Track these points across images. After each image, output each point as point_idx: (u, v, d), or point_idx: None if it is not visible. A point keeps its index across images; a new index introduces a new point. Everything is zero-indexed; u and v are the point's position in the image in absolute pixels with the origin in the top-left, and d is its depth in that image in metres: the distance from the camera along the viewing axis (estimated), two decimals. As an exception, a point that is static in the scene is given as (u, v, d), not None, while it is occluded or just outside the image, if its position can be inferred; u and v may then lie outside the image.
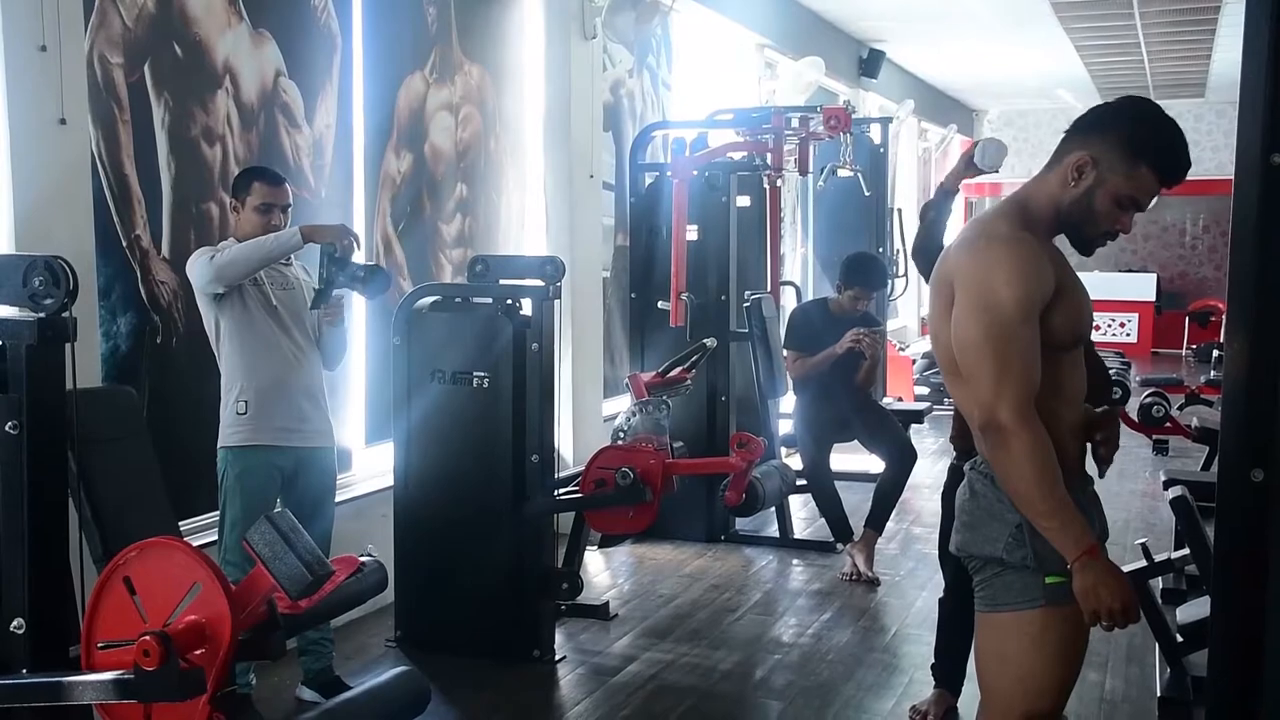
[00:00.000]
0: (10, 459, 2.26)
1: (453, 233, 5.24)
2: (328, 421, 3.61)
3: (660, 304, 5.47)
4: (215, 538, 3.52)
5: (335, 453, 3.68)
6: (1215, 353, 10.42)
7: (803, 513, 6.08)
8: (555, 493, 4.16)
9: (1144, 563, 3.89)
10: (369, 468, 4.74)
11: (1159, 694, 3.72)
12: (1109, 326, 14.46)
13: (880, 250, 8.42)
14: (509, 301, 4.02)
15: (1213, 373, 9.77)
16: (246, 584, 2.21)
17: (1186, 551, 4.02)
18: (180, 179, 3.83)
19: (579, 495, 4.14)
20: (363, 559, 2.79)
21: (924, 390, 9.25)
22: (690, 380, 4.84)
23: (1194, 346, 13.96)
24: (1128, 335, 14.46)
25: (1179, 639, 3.74)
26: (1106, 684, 3.90)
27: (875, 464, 5.46)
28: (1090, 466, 2.32)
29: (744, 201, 5.97)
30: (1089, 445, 2.16)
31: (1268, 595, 2.47)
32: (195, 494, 3.76)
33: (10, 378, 2.28)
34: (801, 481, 5.51)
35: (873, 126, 8.40)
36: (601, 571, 5.21)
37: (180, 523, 3.41)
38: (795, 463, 5.66)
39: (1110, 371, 7.05)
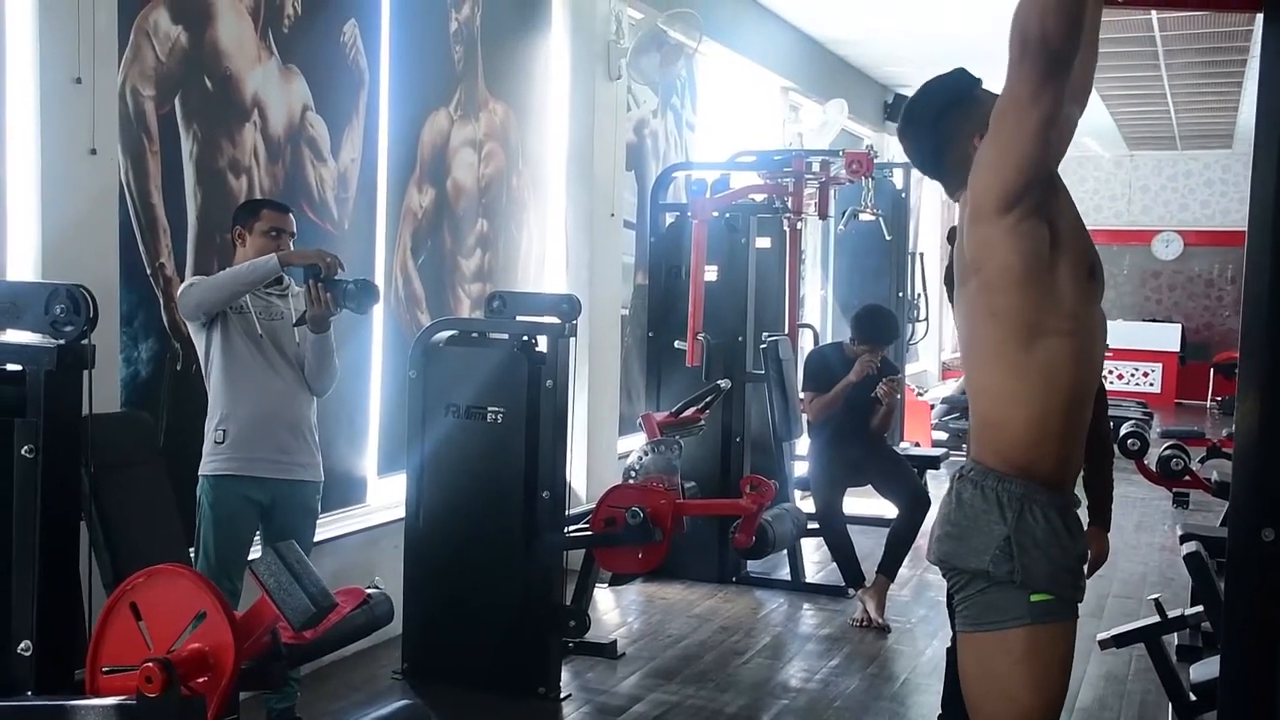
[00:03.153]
0: (25, 483, 2.29)
1: (472, 267, 5.29)
2: (313, 455, 3.57)
3: (677, 343, 5.49)
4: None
5: (320, 488, 3.64)
6: (1238, 405, 10.32)
7: (815, 556, 6.05)
8: (566, 529, 4.16)
9: (1158, 618, 3.85)
10: (382, 499, 4.76)
11: (1170, 752, 3.68)
12: (1132, 376, 14.38)
13: (901, 295, 8.43)
14: (525, 338, 4.05)
15: (1236, 420, 9.68)
16: (251, 614, 2.22)
17: (1202, 608, 3.98)
18: (206, 209, 3.89)
19: (589, 533, 4.15)
20: (369, 590, 2.80)
21: (942, 435, 9.21)
22: (703, 421, 4.85)
23: (1219, 398, 13.83)
24: (1151, 385, 14.36)
25: (1192, 697, 3.69)
26: (1117, 740, 3.86)
27: (889, 508, 5.44)
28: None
29: (764, 243, 6.00)
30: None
31: (1279, 656, 2.45)
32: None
33: (29, 402, 2.31)
34: (814, 525, 5.49)
35: (895, 171, 8.44)
36: (611, 609, 5.20)
37: (192, 549, 3.44)
38: (809, 505, 5.64)
39: (1130, 422, 7.00)
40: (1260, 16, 2.48)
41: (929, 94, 2.18)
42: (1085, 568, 2.09)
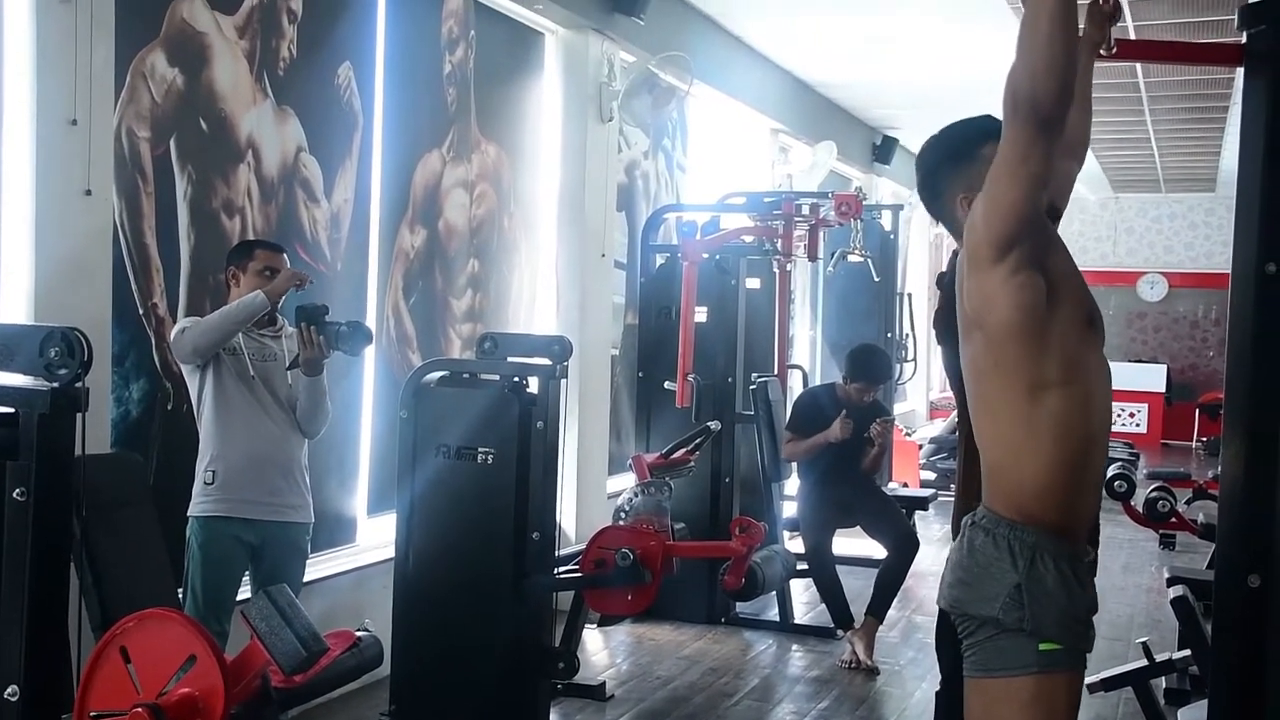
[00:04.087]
0: (16, 526, 2.29)
1: (463, 308, 5.31)
2: (303, 496, 3.58)
3: (667, 384, 5.51)
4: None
5: (310, 529, 3.64)
6: (1224, 446, 10.37)
7: (804, 597, 6.04)
8: (555, 571, 4.15)
9: (1145, 662, 3.86)
10: (371, 539, 4.75)
11: (1159, 797, 3.67)
12: (1119, 417, 14.43)
13: (889, 336, 8.48)
14: (515, 379, 4.06)
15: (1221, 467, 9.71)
16: (241, 658, 2.22)
17: (1189, 652, 3.99)
18: (199, 249, 3.91)
19: (578, 574, 4.14)
20: (359, 634, 2.80)
21: (930, 476, 9.22)
22: (693, 462, 4.86)
23: (1204, 439, 13.90)
24: (1137, 426, 14.42)
25: (1180, 741, 3.70)
26: (1106, 785, 3.85)
27: (878, 549, 5.44)
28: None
29: (754, 284, 6.03)
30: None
31: (1265, 701, 2.46)
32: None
33: (21, 445, 2.31)
34: (803, 565, 5.49)
35: (884, 213, 8.51)
36: (600, 650, 5.18)
37: (180, 589, 3.43)
38: (797, 546, 5.64)
39: (1117, 464, 7.03)
40: (1241, 70, 2.54)
41: (937, 142, 2.25)
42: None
